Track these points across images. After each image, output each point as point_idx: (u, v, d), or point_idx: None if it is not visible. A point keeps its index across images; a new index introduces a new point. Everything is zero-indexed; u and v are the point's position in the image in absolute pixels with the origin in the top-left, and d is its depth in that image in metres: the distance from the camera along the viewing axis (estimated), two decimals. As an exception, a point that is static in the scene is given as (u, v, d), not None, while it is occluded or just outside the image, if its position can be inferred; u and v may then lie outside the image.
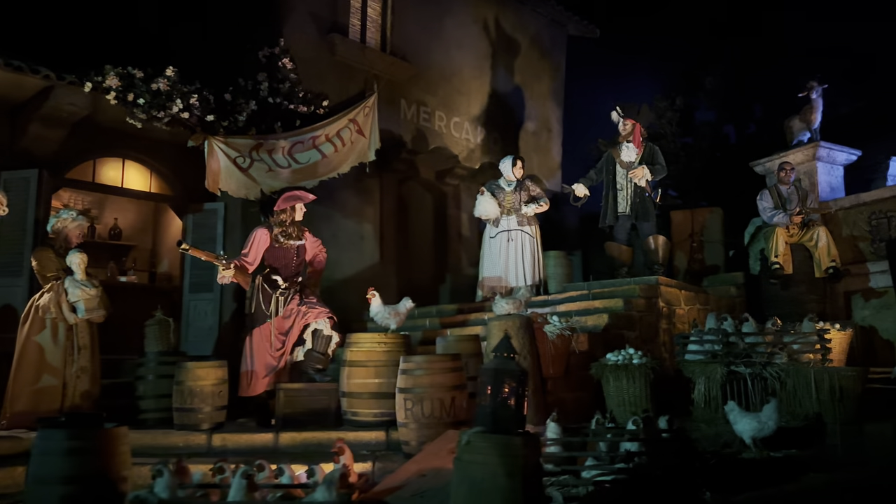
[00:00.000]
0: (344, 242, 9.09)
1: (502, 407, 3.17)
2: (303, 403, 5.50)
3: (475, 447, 3.10)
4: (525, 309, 5.59)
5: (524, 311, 5.52)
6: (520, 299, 5.59)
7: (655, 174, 8.34)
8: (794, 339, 5.63)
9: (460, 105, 10.29)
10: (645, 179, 8.27)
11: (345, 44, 8.66)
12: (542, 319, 5.43)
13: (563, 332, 5.33)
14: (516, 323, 5.16)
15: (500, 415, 3.16)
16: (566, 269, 10.17)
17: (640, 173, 8.26)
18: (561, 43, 12.18)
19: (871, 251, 7.95)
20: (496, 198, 8.31)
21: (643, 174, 8.26)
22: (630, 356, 5.47)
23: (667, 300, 6.98)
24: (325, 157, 8.14)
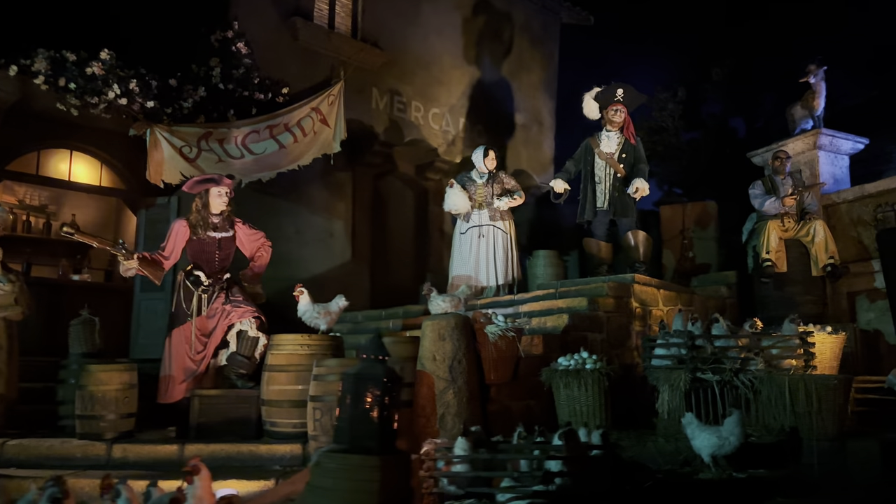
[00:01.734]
0: (310, 239, 8.59)
1: (362, 420, 2.62)
2: (220, 412, 4.98)
3: (324, 469, 2.55)
4: (464, 307, 5.00)
5: (462, 309, 4.94)
6: (459, 297, 5.01)
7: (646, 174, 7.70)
8: (773, 343, 4.97)
9: (440, 95, 9.75)
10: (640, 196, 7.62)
11: (308, 28, 8.16)
12: (486, 319, 4.84)
13: (507, 333, 4.73)
14: (451, 323, 4.58)
15: (359, 430, 2.61)
16: (557, 270, 9.57)
17: (643, 191, 7.56)
18: (553, 31, 11.57)
19: (876, 248, 7.21)
20: (467, 191, 7.74)
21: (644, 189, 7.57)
22: (583, 360, 4.86)
23: (641, 300, 6.34)
24: (284, 148, 7.65)
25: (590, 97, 8.02)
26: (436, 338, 4.56)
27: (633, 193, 7.47)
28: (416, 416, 4.56)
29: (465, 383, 4.52)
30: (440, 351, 4.53)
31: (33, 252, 8.20)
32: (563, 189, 7.88)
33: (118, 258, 5.15)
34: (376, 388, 2.61)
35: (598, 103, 7.96)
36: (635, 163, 7.67)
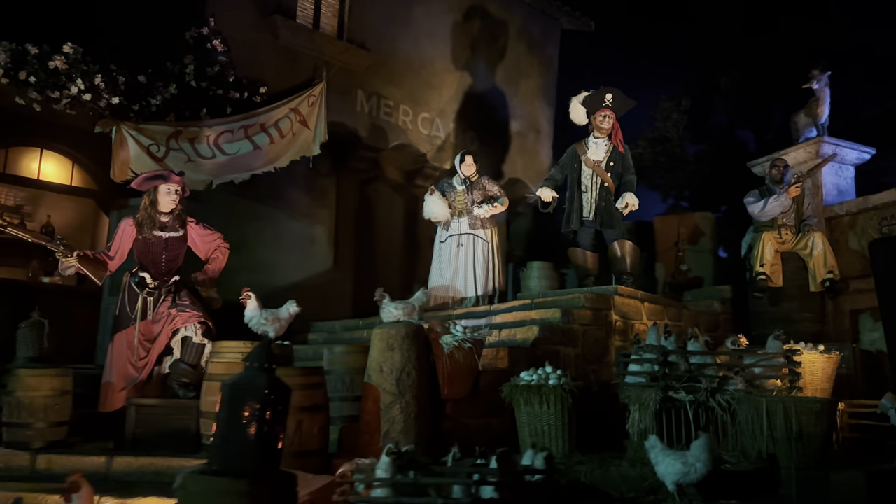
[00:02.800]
0: (289, 245, 8.28)
1: (236, 437, 2.27)
2: (158, 422, 4.65)
3: (189, 494, 2.20)
4: (419, 315, 4.65)
5: (416, 317, 4.58)
6: (413, 304, 4.67)
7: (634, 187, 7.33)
8: (756, 362, 4.56)
9: (430, 99, 9.44)
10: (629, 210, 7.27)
11: (289, 27, 7.90)
12: (442, 329, 4.49)
13: (464, 344, 4.37)
14: (400, 332, 4.23)
15: (232, 449, 2.26)
16: (552, 282, 9.17)
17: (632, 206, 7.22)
18: (553, 37, 11.25)
19: (879, 262, 6.76)
20: (447, 198, 7.42)
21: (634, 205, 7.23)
22: (547, 375, 4.48)
23: (623, 313, 5.95)
24: (259, 149, 7.37)
25: (577, 101, 7.69)
26: (384, 347, 4.21)
27: (623, 209, 7.11)
28: (361, 433, 4.22)
29: (414, 398, 4.15)
30: (388, 362, 4.18)
31: (4, 253, 7.98)
32: (551, 197, 7.52)
33: (56, 255, 4.87)
34: (256, 402, 2.27)
35: (585, 108, 7.63)
36: (623, 172, 7.31)
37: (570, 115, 7.79)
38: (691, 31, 13.46)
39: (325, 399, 3.99)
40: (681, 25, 13.64)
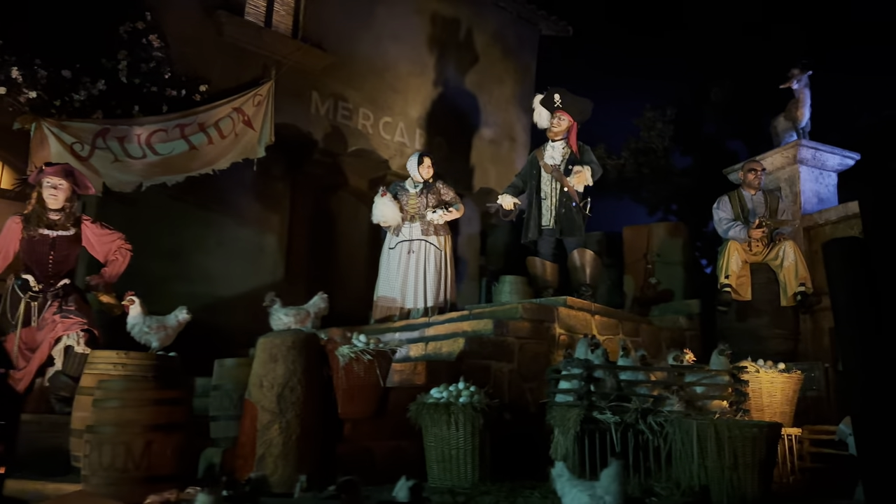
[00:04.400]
0: (234, 254, 7.82)
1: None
2: (29, 441, 4.16)
3: None
4: (312, 323, 4.14)
5: (310, 325, 4.08)
6: (308, 310, 4.19)
7: (594, 175, 6.80)
8: (698, 380, 4.02)
9: (394, 104, 9.00)
10: (583, 185, 6.73)
11: (234, 23, 7.50)
12: (342, 339, 3.99)
13: (363, 356, 3.86)
14: (286, 341, 3.72)
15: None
16: (525, 296, 8.60)
17: (583, 177, 6.70)
18: (531, 43, 10.81)
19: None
20: (398, 201, 6.95)
21: (585, 177, 6.71)
22: (458, 392, 3.96)
23: (569, 326, 5.42)
24: (195, 149, 6.95)
25: (538, 104, 7.23)
26: (266, 359, 3.71)
27: (573, 180, 6.58)
28: (236, 457, 3.70)
29: (298, 416, 3.64)
30: (269, 375, 3.68)
31: None
32: (512, 204, 7.03)
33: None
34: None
35: (546, 111, 7.16)
36: (584, 162, 6.80)
37: (534, 118, 7.35)
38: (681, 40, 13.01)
39: (184, 416, 3.48)
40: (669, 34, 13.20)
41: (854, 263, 3.84)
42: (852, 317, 3.81)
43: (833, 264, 3.88)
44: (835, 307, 3.89)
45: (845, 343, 3.81)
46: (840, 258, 3.85)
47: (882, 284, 3.80)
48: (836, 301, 3.86)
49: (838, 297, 3.83)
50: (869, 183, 3.84)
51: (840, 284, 3.82)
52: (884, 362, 3.77)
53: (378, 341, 4.08)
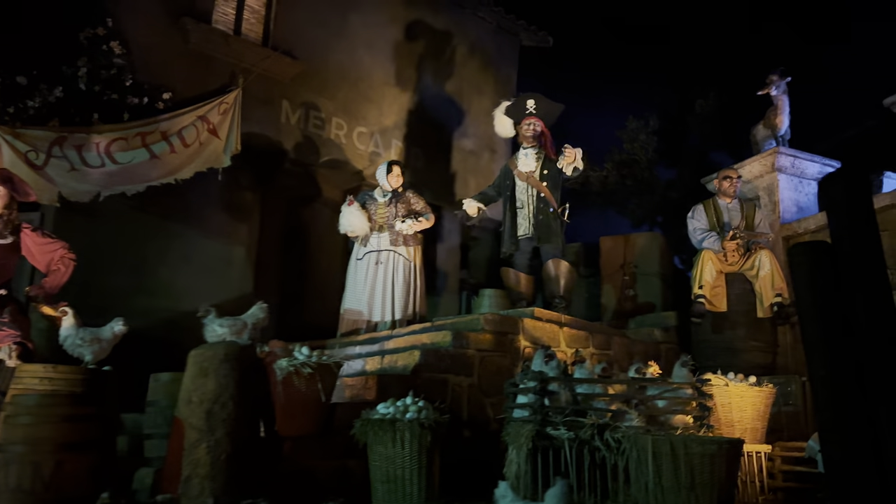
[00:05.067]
0: (200, 267, 7.57)
1: None
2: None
3: None
4: (249, 335, 3.91)
5: (246, 336, 3.85)
6: (245, 321, 3.95)
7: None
8: (659, 394, 3.79)
9: (368, 113, 8.83)
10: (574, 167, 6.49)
11: (200, 30, 7.33)
12: (283, 351, 3.76)
13: (302, 369, 3.64)
14: (218, 353, 3.50)
15: None
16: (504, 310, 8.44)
17: (573, 155, 6.45)
18: (511, 54, 10.67)
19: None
20: (367, 210, 6.75)
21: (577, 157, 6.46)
22: (406, 407, 3.73)
23: (535, 338, 5.19)
24: (157, 158, 6.74)
25: (500, 113, 7.07)
26: (196, 373, 3.49)
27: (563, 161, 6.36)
28: (163, 479, 3.47)
29: (228, 434, 3.40)
30: (199, 390, 3.45)
31: None
32: (476, 209, 6.83)
33: None
34: None
35: (511, 119, 7.00)
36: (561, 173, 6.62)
37: (496, 129, 7.19)
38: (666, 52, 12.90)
39: (100, 433, 3.25)
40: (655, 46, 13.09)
41: (821, 267, 3.64)
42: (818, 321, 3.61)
43: (799, 268, 3.68)
44: (800, 311, 3.69)
45: (811, 349, 3.62)
46: (806, 261, 3.65)
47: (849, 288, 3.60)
48: (802, 305, 3.66)
49: (804, 301, 3.64)
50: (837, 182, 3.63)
51: (806, 288, 3.62)
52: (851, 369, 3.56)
53: (322, 354, 3.85)
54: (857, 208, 3.69)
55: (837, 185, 3.76)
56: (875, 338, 3.51)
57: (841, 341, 3.56)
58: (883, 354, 3.50)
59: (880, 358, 3.50)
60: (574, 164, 6.40)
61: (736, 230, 5.83)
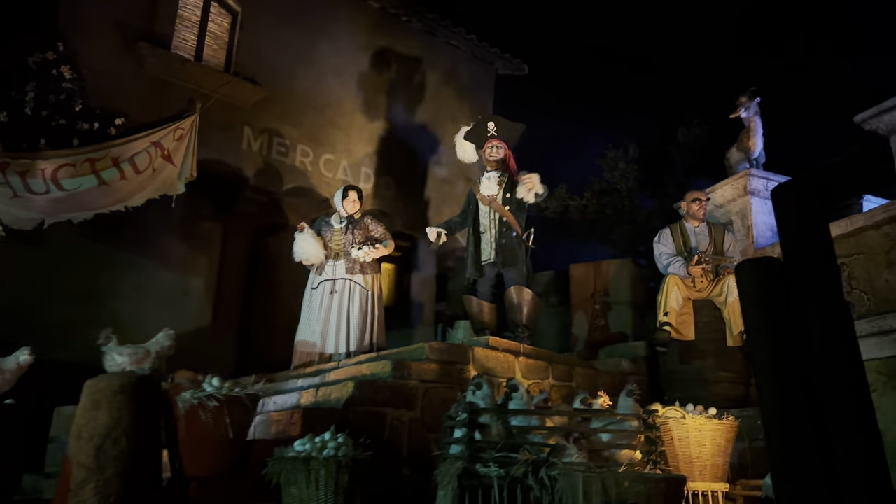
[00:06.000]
0: (156, 298, 7.30)
1: None
2: None
3: None
4: (153, 364, 3.61)
5: (148, 366, 3.55)
6: (148, 349, 3.65)
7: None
8: (603, 426, 3.47)
9: (336, 140, 8.63)
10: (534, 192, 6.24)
11: (157, 55, 7.16)
12: (190, 382, 3.46)
13: (208, 402, 3.33)
14: (113, 384, 3.20)
15: None
16: (480, 343, 8.12)
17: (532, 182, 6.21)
18: (486, 82, 10.53)
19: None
20: (322, 237, 6.49)
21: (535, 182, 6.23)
22: (324, 443, 3.41)
23: (487, 369, 4.87)
24: (105, 185, 6.52)
25: (461, 138, 6.84)
26: (88, 406, 3.18)
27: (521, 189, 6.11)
28: (48, 521, 3.14)
29: (119, 474, 3.08)
30: (90, 425, 3.14)
31: None
32: (436, 234, 6.54)
33: None
34: None
35: (472, 144, 6.77)
36: None
37: (458, 154, 6.96)
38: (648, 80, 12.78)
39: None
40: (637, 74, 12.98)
41: (771, 286, 3.36)
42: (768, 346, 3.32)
43: (746, 287, 3.40)
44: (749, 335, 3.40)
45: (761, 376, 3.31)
46: (754, 280, 3.37)
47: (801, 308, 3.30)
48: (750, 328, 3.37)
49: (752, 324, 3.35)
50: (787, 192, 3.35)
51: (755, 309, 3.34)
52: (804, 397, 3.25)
53: (234, 386, 3.55)
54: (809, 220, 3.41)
55: (788, 195, 3.49)
56: (830, 363, 3.21)
57: (793, 368, 3.27)
58: (839, 382, 3.19)
59: (836, 385, 3.19)
60: (533, 190, 6.15)
61: (702, 254, 5.55)
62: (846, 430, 3.22)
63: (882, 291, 5.31)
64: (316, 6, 8.62)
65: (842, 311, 3.45)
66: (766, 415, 3.34)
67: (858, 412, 3.27)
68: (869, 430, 3.27)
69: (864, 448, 3.20)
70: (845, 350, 3.39)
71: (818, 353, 3.40)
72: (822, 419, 3.28)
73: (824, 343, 3.37)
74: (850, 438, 3.19)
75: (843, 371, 3.33)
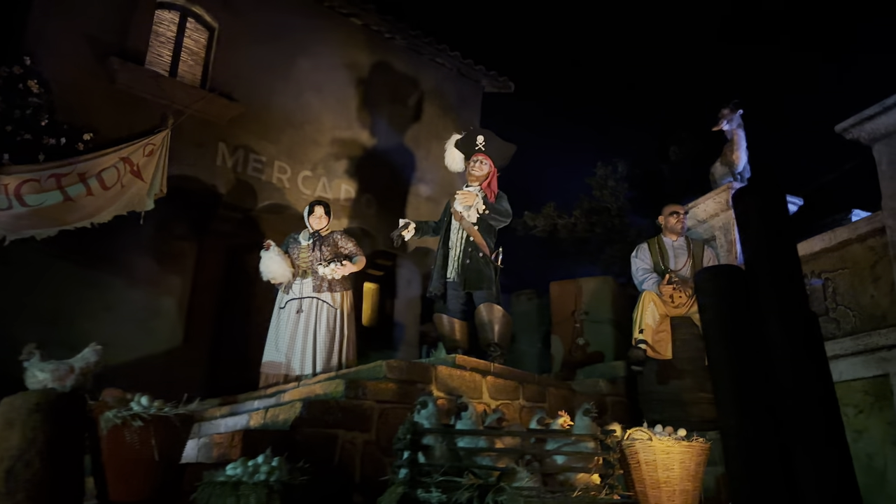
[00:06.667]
0: (125, 319, 7.10)
1: None
2: None
3: None
4: (76, 381, 3.39)
5: (70, 384, 3.33)
6: (73, 364, 3.43)
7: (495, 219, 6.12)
8: (557, 448, 3.25)
9: (315, 157, 8.49)
10: (475, 209, 6.06)
11: (128, 70, 7.04)
12: (117, 401, 3.25)
13: (132, 422, 3.12)
14: (29, 402, 3.01)
15: None
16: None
17: (469, 198, 6.07)
18: (473, 99, 10.41)
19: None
20: (290, 255, 6.31)
21: (472, 197, 6.07)
22: (256, 467, 3.19)
23: (451, 389, 4.64)
24: (71, 201, 6.37)
25: (451, 145, 6.67)
26: (1, 425, 2.98)
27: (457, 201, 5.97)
28: (-47, 551, 2.92)
29: (30, 499, 2.88)
30: (1, 446, 2.94)
31: None
32: (404, 224, 6.33)
33: None
34: None
35: (461, 153, 6.60)
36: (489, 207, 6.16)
37: (446, 161, 6.77)
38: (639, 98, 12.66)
39: None
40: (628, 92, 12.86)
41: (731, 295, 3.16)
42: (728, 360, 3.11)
43: (705, 296, 3.19)
44: (708, 348, 3.19)
45: (720, 391, 3.09)
46: (713, 289, 3.17)
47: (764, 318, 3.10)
48: (709, 340, 3.16)
49: (711, 336, 3.14)
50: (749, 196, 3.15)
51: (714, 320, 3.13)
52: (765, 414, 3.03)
53: (163, 405, 3.34)
54: (773, 228, 3.21)
55: (749, 200, 3.28)
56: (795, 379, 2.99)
57: (755, 384, 3.05)
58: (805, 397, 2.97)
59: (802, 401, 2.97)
60: (475, 206, 5.96)
61: (672, 273, 5.34)
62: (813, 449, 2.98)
63: (867, 307, 5.10)
64: (296, 23, 8.53)
65: (807, 322, 3.22)
66: (725, 434, 3.11)
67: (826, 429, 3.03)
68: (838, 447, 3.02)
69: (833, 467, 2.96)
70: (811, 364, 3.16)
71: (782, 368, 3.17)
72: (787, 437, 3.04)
73: (788, 357, 3.15)
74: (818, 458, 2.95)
75: (808, 386, 3.10)
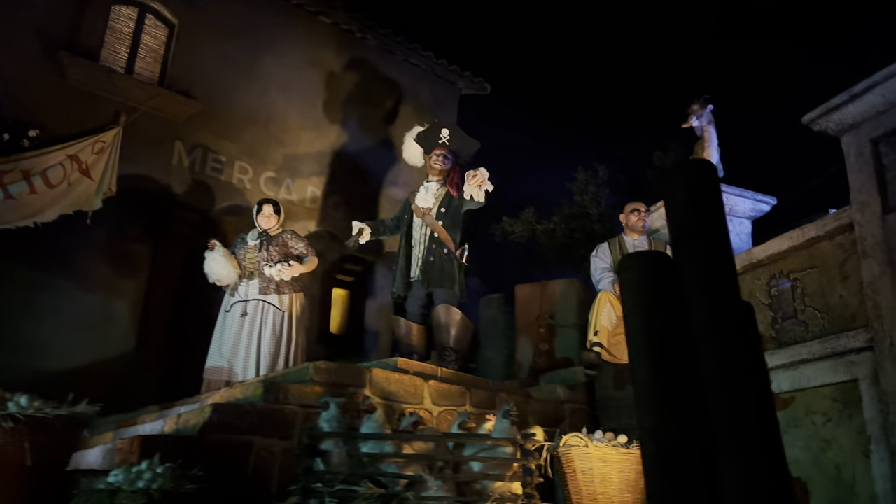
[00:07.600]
0: (74, 322, 6.82)
1: None
2: None
3: None
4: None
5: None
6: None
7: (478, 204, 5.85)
8: (473, 454, 2.95)
9: (278, 157, 8.24)
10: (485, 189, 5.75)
11: (79, 65, 6.82)
12: (-8, 402, 2.98)
13: (4, 423, 2.84)
14: None
15: None
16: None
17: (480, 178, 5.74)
18: (449, 102, 10.17)
19: (771, 334, 5.15)
20: (236, 255, 6.05)
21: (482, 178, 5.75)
22: (139, 473, 2.90)
23: (387, 394, 4.34)
24: (12, 199, 6.13)
25: (411, 138, 6.42)
26: None
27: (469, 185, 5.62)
28: None
29: None
30: None
31: None
32: (359, 229, 6.07)
33: None
34: None
35: (421, 147, 6.35)
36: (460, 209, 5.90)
37: (404, 154, 6.53)
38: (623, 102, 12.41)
39: None
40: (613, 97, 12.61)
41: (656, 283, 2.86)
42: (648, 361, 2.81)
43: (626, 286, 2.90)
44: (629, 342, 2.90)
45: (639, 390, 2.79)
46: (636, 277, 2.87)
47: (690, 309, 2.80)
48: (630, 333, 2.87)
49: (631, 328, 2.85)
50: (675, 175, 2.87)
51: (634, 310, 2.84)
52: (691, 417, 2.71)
53: (45, 406, 3.06)
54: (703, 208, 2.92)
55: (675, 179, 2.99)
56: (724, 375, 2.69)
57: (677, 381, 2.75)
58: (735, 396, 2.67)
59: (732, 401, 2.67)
60: (484, 186, 5.66)
61: None
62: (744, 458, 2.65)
63: (836, 308, 4.79)
64: (262, 20, 8.31)
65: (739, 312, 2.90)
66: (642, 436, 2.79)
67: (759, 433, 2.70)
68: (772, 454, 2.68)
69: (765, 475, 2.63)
70: (743, 358, 2.83)
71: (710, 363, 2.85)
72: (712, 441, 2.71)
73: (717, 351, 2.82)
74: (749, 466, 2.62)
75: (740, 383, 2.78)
